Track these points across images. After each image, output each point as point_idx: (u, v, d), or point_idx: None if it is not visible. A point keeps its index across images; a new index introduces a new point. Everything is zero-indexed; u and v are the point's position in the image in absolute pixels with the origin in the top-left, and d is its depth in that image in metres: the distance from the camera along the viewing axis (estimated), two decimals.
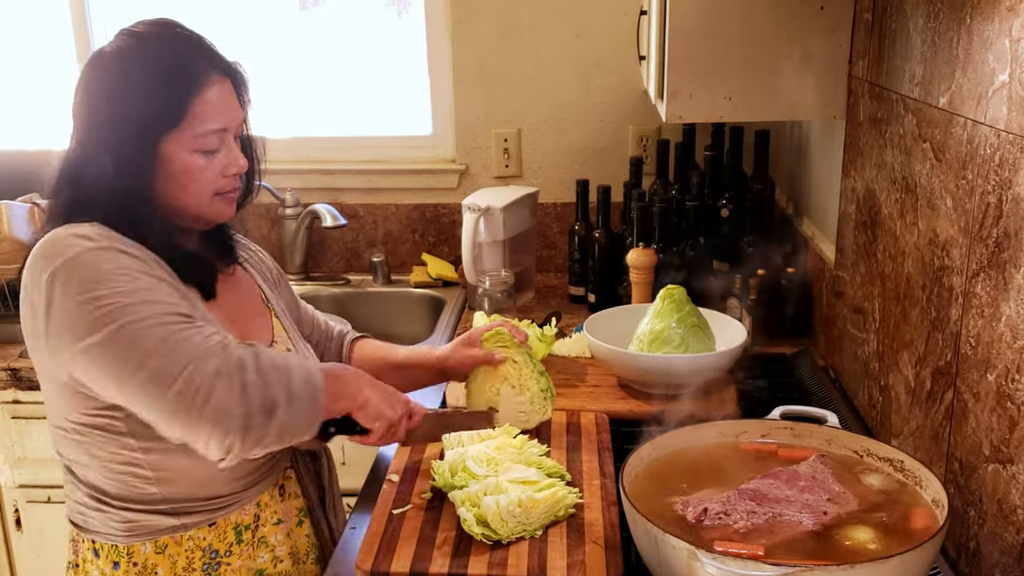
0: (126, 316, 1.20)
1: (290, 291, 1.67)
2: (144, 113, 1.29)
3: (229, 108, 1.35)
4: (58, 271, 1.22)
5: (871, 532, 1.18)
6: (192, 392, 1.18)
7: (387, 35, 2.97)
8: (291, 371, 1.26)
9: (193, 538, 1.37)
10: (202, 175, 1.34)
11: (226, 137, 1.36)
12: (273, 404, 1.22)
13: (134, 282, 1.23)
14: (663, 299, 1.83)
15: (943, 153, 1.40)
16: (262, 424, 1.21)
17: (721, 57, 1.93)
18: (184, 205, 1.36)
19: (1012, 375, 1.18)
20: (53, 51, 3.00)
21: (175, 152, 1.32)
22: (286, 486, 1.48)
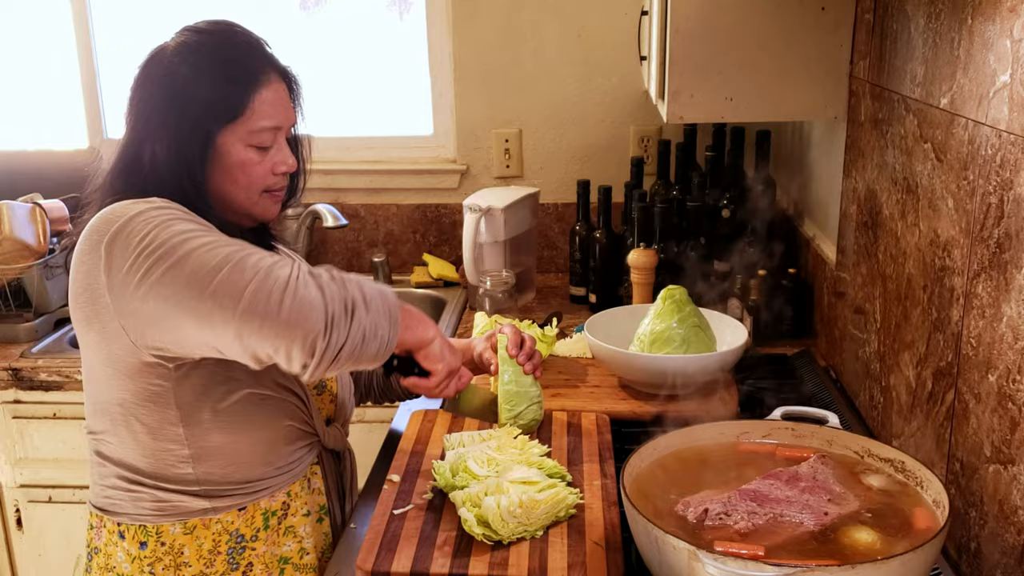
0: (185, 246, 1.22)
1: None
2: (206, 104, 1.34)
3: (284, 108, 1.41)
4: (117, 233, 1.25)
5: (872, 533, 1.18)
6: (266, 295, 1.18)
7: (388, 36, 2.97)
8: (364, 283, 1.28)
9: (221, 521, 1.40)
10: (254, 170, 1.38)
11: (279, 136, 1.41)
12: (353, 304, 1.22)
13: (191, 223, 1.26)
14: (664, 299, 1.83)
15: (944, 154, 1.40)
16: (344, 324, 1.21)
17: (722, 57, 1.93)
18: (234, 199, 1.40)
19: (1013, 376, 1.18)
20: (53, 51, 3.00)
21: (231, 145, 1.36)
22: (312, 480, 1.50)
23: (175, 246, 1.21)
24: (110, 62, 2.98)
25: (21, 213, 2.44)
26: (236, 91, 1.35)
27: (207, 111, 1.34)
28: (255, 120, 1.36)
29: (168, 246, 1.21)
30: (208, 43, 1.36)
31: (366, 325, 1.23)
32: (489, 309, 2.26)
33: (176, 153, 1.33)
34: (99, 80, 2.99)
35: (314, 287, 1.20)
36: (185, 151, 1.33)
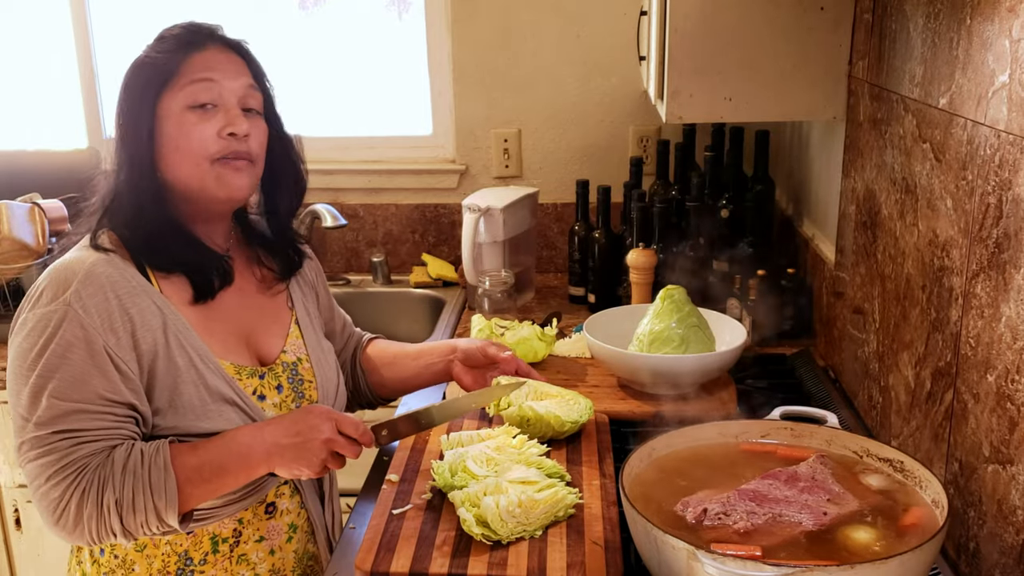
0: (29, 417, 1.29)
1: (327, 294, 1.69)
2: (145, 77, 1.37)
3: (225, 69, 1.40)
4: (26, 322, 1.32)
5: (871, 532, 1.18)
6: (44, 507, 1.30)
7: (387, 35, 2.97)
8: (136, 501, 1.28)
9: (171, 542, 1.40)
10: (193, 131, 1.36)
11: (224, 97, 1.38)
12: (111, 531, 1.30)
13: (60, 371, 1.29)
14: (663, 299, 1.83)
15: (943, 154, 1.40)
16: (103, 540, 1.31)
17: (721, 57, 1.93)
18: (186, 176, 1.37)
19: (1012, 376, 1.18)
20: (52, 51, 3.00)
21: (170, 109, 1.36)
22: (277, 503, 1.47)
23: (30, 404, 1.29)
24: (109, 62, 2.98)
25: (20, 213, 2.44)
26: (169, 56, 1.37)
27: (147, 82, 1.37)
28: (187, 75, 1.36)
29: (28, 404, 1.30)
30: (159, 33, 1.41)
31: (133, 534, 1.31)
32: (488, 309, 2.26)
33: (127, 137, 1.37)
34: (98, 80, 2.99)
35: (73, 517, 1.29)
36: (133, 131, 1.36)
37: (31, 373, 1.29)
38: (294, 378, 1.50)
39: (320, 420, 1.35)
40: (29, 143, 3.02)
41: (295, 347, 1.53)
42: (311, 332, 1.57)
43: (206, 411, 1.35)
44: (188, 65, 1.37)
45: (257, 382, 1.44)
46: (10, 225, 2.40)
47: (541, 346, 1.98)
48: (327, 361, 1.58)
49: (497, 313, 2.24)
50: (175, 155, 1.37)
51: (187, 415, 1.34)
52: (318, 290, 1.66)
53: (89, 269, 1.32)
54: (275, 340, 1.51)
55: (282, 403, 1.46)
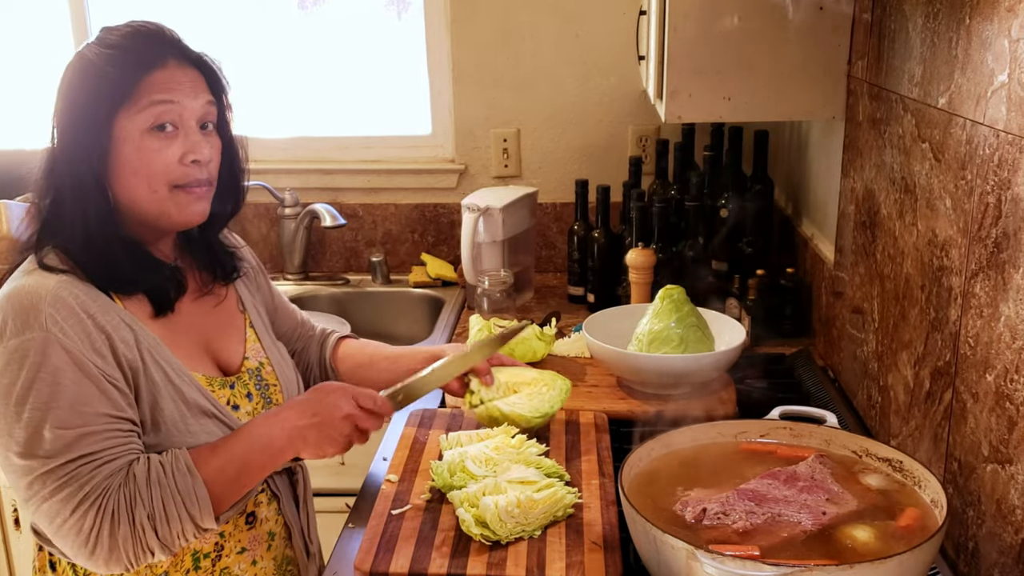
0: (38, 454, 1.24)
1: (268, 286, 1.64)
2: (96, 92, 1.28)
3: (185, 89, 1.32)
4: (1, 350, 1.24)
5: (870, 532, 1.18)
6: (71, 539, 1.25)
7: (386, 35, 2.97)
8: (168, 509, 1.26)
9: (150, 565, 1.35)
10: (154, 158, 1.29)
11: (183, 119, 1.32)
12: (150, 549, 1.26)
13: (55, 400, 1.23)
14: (662, 299, 1.83)
15: (942, 153, 1.40)
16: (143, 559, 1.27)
17: (720, 57, 1.93)
18: (140, 198, 1.31)
19: (1011, 375, 1.18)
20: (52, 51, 3.00)
21: (127, 131, 1.29)
22: (257, 512, 1.44)
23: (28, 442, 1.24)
24: None
25: (18, 213, 2.44)
26: (124, 74, 1.28)
27: (98, 99, 1.28)
28: (145, 96, 1.28)
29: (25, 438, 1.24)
30: (109, 36, 1.32)
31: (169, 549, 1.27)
32: (487, 309, 2.26)
33: (76, 153, 1.29)
34: None
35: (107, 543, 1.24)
36: (84, 148, 1.29)
37: (22, 409, 1.22)
38: (260, 384, 1.47)
39: (338, 397, 1.35)
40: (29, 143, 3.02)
41: (255, 351, 1.50)
42: (265, 334, 1.54)
43: (187, 426, 1.32)
44: (148, 84, 1.29)
45: (229, 392, 1.42)
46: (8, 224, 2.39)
47: (540, 346, 1.97)
48: (285, 361, 1.55)
49: (496, 313, 2.24)
50: (132, 179, 1.30)
51: (170, 432, 1.31)
52: (259, 283, 1.61)
53: (55, 292, 1.25)
54: (235, 347, 1.48)
55: (254, 411, 1.44)
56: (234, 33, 2.92)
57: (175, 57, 1.32)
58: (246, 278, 1.57)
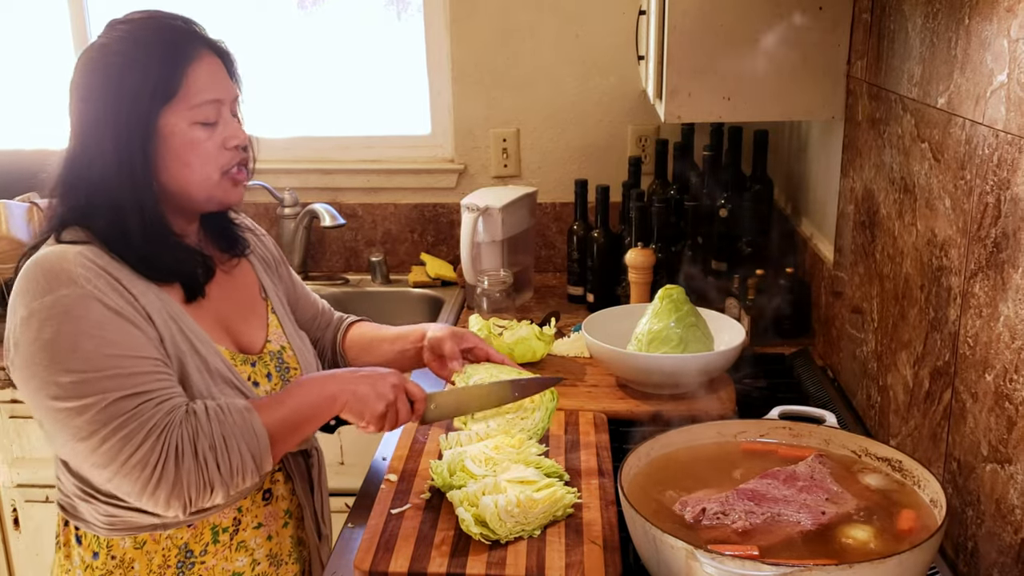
0: (90, 394, 1.23)
1: (289, 274, 1.68)
2: (140, 89, 1.29)
3: (222, 81, 1.37)
4: (35, 313, 1.24)
5: (869, 532, 1.18)
6: (134, 478, 1.24)
7: (386, 35, 2.97)
8: (230, 444, 1.28)
9: (171, 536, 1.39)
10: (203, 147, 1.34)
11: (222, 110, 1.37)
12: (211, 484, 1.27)
13: (104, 347, 1.24)
14: (661, 299, 1.83)
15: (941, 153, 1.41)
16: (202, 500, 1.28)
17: (720, 57, 1.93)
18: (191, 185, 1.36)
19: (1010, 375, 1.18)
20: (52, 51, 3.00)
21: (175, 126, 1.32)
22: (273, 490, 1.47)
23: (78, 385, 1.23)
24: None
25: (18, 212, 2.44)
26: (168, 70, 1.31)
27: (143, 96, 1.30)
28: (194, 95, 1.32)
29: (72, 382, 1.23)
30: (133, 31, 1.33)
31: (229, 489, 1.29)
32: (487, 309, 2.26)
33: (118, 149, 1.30)
34: None
35: (172, 477, 1.24)
36: (127, 144, 1.30)
37: (70, 358, 1.23)
38: (280, 366, 1.50)
39: (388, 373, 1.44)
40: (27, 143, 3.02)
41: (277, 336, 1.53)
42: (287, 321, 1.58)
43: (212, 396, 1.35)
44: (192, 81, 1.32)
45: (250, 369, 1.45)
46: (8, 224, 2.39)
47: (540, 345, 1.98)
48: (307, 348, 1.59)
49: (496, 312, 2.24)
50: (184, 169, 1.34)
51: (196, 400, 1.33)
52: (280, 273, 1.64)
53: (81, 254, 1.27)
54: (256, 331, 1.51)
55: (273, 390, 1.46)
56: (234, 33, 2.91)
57: (205, 47, 1.36)
58: (267, 267, 1.61)
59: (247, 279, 1.55)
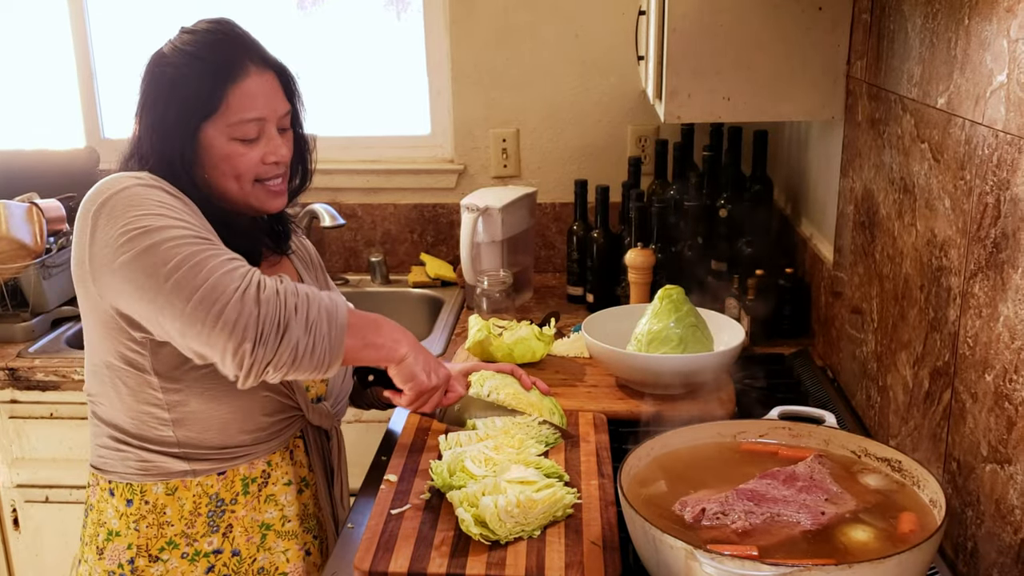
0: (156, 236, 1.28)
1: (327, 282, 1.73)
2: (185, 101, 1.38)
3: (268, 99, 1.42)
4: (104, 204, 1.32)
5: (869, 532, 1.18)
6: (210, 303, 1.25)
7: (386, 35, 2.97)
8: (312, 301, 1.32)
9: (202, 484, 1.45)
10: (240, 161, 1.41)
11: (265, 127, 1.43)
12: (286, 324, 1.27)
13: (170, 211, 1.31)
14: (661, 299, 1.83)
15: (941, 154, 1.41)
16: (273, 342, 1.27)
17: (719, 57, 1.93)
18: (227, 191, 1.43)
19: (1010, 375, 1.18)
20: (51, 50, 3.00)
21: (214, 139, 1.40)
22: (295, 453, 1.54)
23: (148, 232, 1.28)
24: (107, 62, 2.98)
25: (18, 213, 2.44)
26: (210, 86, 1.38)
27: (186, 108, 1.38)
28: (234, 113, 1.39)
29: (142, 230, 1.28)
30: (192, 41, 1.40)
31: (300, 343, 1.29)
32: (487, 309, 2.26)
33: (165, 150, 1.39)
34: (96, 80, 2.99)
35: (253, 302, 1.26)
36: (173, 147, 1.38)
37: (144, 219, 1.28)
38: None
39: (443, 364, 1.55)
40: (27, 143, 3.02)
41: None
42: None
43: None
44: (235, 98, 1.39)
45: None
46: (8, 225, 2.39)
47: (539, 346, 1.97)
48: None
49: (495, 313, 2.24)
50: (220, 178, 1.42)
51: None
52: (318, 278, 1.70)
53: (147, 174, 1.37)
54: None
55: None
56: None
57: (255, 63, 1.41)
58: (307, 267, 1.66)
59: (286, 271, 1.61)
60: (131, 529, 1.46)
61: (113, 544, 1.47)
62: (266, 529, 1.51)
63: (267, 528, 1.51)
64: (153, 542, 1.46)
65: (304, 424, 1.55)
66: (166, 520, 1.45)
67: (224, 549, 1.48)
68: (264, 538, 1.51)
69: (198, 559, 1.47)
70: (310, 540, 1.57)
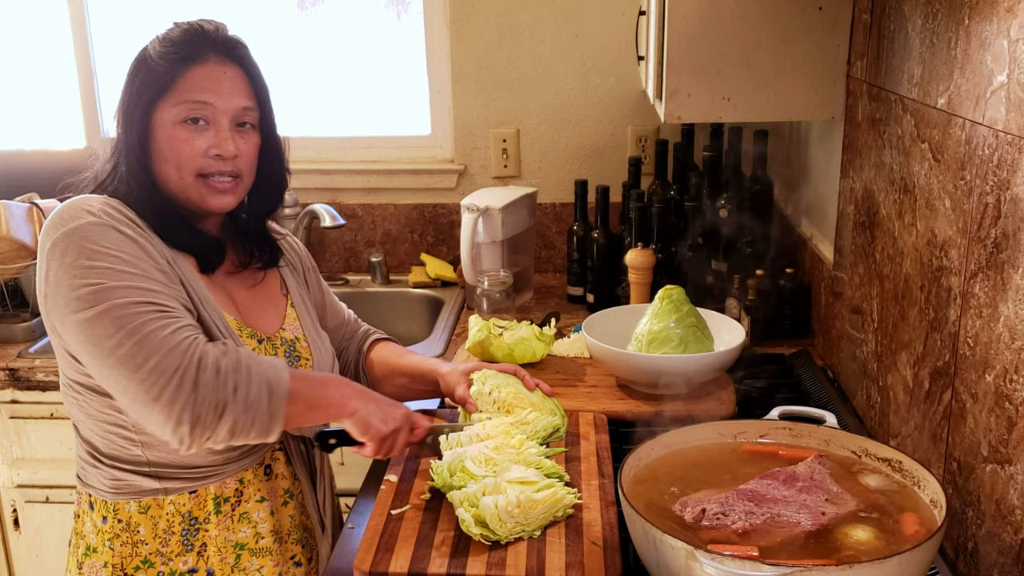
0: (104, 302, 1.27)
1: (318, 281, 1.72)
2: (144, 84, 1.39)
3: (223, 89, 1.41)
4: (57, 242, 1.31)
5: (869, 532, 1.18)
6: (149, 384, 1.25)
7: (386, 35, 2.97)
8: (252, 376, 1.29)
9: (174, 503, 1.43)
10: (183, 147, 1.39)
11: (216, 116, 1.41)
12: (223, 406, 1.27)
13: (120, 263, 1.30)
14: (661, 299, 1.83)
15: (941, 154, 1.41)
16: (211, 423, 1.27)
17: (720, 57, 1.93)
18: (169, 181, 1.41)
19: (1010, 375, 1.18)
20: (51, 51, 3.00)
21: (163, 120, 1.39)
22: (273, 467, 1.51)
23: (97, 292, 1.28)
24: (107, 62, 2.98)
25: (18, 213, 2.44)
26: (168, 67, 1.38)
27: (143, 88, 1.39)
28: (180, 93, 1.38)
29: (92, 289, 1.28)
30: (165, 36, 1.41)
31: (239, 421, 1.29)
32: (487, 309, 2.26)
33: (125, 140, 1.40)
34: (96, 80, 2.99)
35: (191, 385, 1.26)
36: (129, 135, 1.40)
37: (89, 273, 1.28)
38: (291, 354, 1.53)
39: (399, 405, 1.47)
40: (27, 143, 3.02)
41: (293, 328, 1.57)
42: (307, 316, 1.61)
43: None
44: (185, 81, 1.39)
45: (256, 344, 1.48)
46: (8, 225, 2.39)
47: (540, 346, 1.97)
48: (324, 345, 1.61)
49: (495, 313, 2.24)
50: (163, 164, 1.41)
51: None
52: (308, 280, 1.68)
53: (104, 201, 1.36)
54: (271, 320, 1.55)
55: None
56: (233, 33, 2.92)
57: (217, 54, 1.41)
58: (294, 271, 1.65)
59: (269, 276, 1.59)
60: (106, 547, 1.44)
61: (91, 560, 1.46)
62: (240, 549, 1.48)
63: (241, 548, 1.48)
64: (128, 560, 1.44)
65: (284, 436, 1.51)
66: (140, 539, 1.43)
67: (199, 568, 1.45)
68: (239, 558, 1.47)
69: None
70: (299, 551, 1.54)
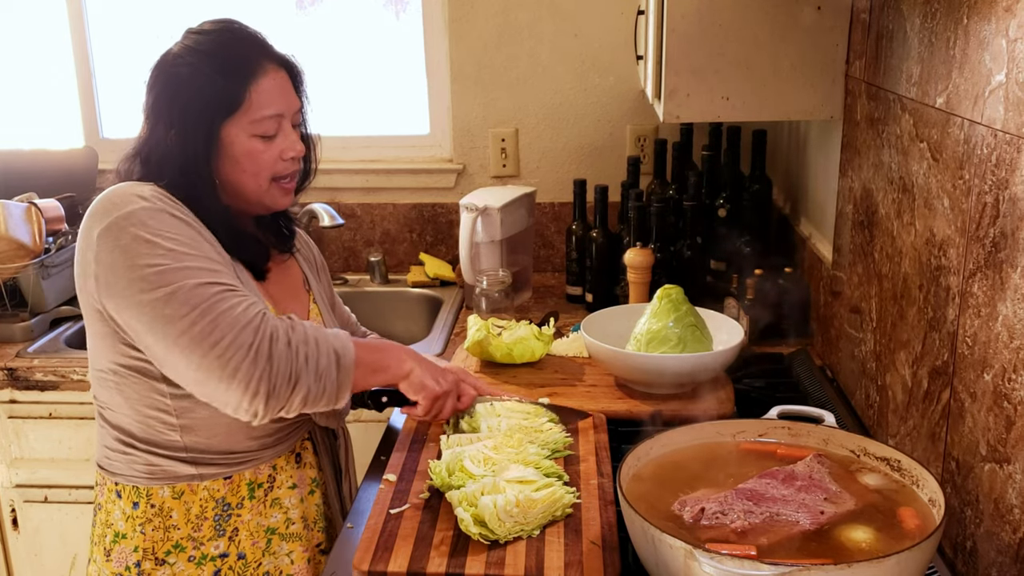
0: (172, 283, 1.30)
1: (328, 283, 1.76)
2: (206, 100, 1.40)
3: (284, 96, 1.47)
4: (111, 226, 1.32)
5: (868, 531, 1.18)
6: (225, 360, 1.29)
7: (384, 35, 2.97)
8: (321, 347, 1.35)
9: (208, 488, 1.47)
10: (261, 158, 1.44)
11: (283, 123, 1.47)
12: (297, 376, 1.32)
13: (180, 244, 1.33)
14: (660, 299, 1.83)
15: (940, 153, 1.41)
16: (284, 394, 1.32)
17: (718, 57, 1.93)
18: (245, 188, 1.46)
19: (1009, 375, 1.19)
20: (50, 51, 3.00)
21: (235, 136, 1.42)
22: (303, 455, 1.56)
23: (163, 273, 1.30)
24: (106, 62, 2.98)
25: (17, 213, 2.44)
26: (233, 84, 1.41)
27: (208, 107, 1.40)
28: (255, 111, 1.42)
29: (157, 271, 1.30)
30: (205, 42, 1.43)
31: (311, 391, 1.34)
32: (486, 308, 2.26)
33: (184, 150, 1.40)
34: (95, 80, 2.98)
35: (265, 359, 1.30)
36: (192, 147, 1.40)
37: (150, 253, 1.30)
38: None
39: (452, 368, 1.58)
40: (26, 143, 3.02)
41: (316, 321, 1.62)
42: (327, 312, 1.68)
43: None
44: (255, 96, 1.42)
45: None
46: (7, 225, 2.39)
47: (538, 345, 1.97)
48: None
49: (494, 312, 2.24)
50: (240, 175, 1.44)
51: None
52: (321, 277, 1.73)
53: (153, 188, 1.38)
54: (300, 314, 1.59)
55: None
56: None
57: (268, 60, 1.46)
58: (311, 267, 1.70)
59: (293, 271, 1.64)
60: (137, 532, 1.47)
61: (120, 546, 1.48)
62: (271, 533, 1.52)
63: (272, 532, 1.52)
64: (159, 545, 1.47)
65: (311, 426, 1.57)
66: (172, 524, 1.46)
67: (230, 553, 1.49)
68: (269, 542, 1.52)
69: (204, 563, 1.48)
70: (323, 539, 1.59)
